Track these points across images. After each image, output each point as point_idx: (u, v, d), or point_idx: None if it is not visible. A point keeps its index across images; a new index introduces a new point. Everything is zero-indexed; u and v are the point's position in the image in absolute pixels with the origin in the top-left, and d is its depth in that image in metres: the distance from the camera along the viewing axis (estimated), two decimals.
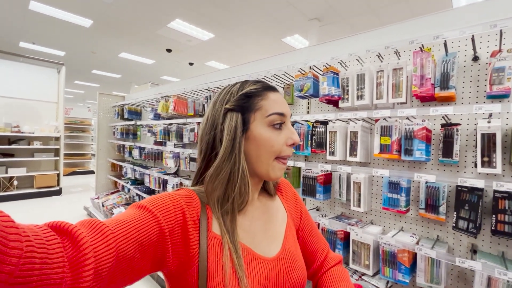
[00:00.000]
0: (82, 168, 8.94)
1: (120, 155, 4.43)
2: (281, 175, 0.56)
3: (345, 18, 5.05)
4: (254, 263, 0.52)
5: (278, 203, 0.67)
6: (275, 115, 0.53)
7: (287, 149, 0.55)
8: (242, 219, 0.56)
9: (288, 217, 0.65)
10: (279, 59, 2.11)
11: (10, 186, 5.39)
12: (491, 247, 1.19)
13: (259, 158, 0.53)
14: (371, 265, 1.42)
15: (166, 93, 2.95)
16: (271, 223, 0.61)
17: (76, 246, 0.34)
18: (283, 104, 0.56)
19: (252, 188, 0.58)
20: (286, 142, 0.55)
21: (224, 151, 0.52)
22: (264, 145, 0.53)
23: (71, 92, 13.71)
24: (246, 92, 0.55)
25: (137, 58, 7.92)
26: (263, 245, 0.56)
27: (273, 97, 0.56)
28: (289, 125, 0.56)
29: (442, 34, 1.11)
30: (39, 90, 5.83)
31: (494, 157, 1.08)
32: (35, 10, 5.01)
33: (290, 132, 0.55)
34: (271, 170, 0.54)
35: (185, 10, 4.93)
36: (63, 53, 7.54)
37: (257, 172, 0.55)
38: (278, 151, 0.54)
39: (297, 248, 0.62)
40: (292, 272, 0.56)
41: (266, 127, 0.54)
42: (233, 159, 0.52)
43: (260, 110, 0.54)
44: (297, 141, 0.55)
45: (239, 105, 0.54)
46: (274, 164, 0.54)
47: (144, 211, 0.45)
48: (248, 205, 0.58)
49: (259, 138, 0.53)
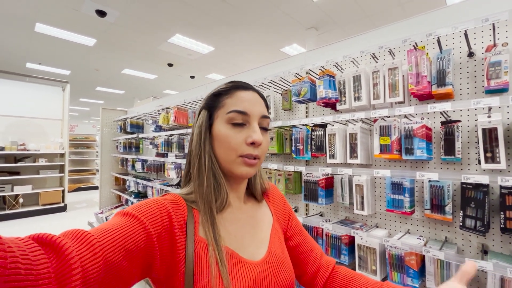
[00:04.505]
0: (87, 184, 8.98)
1: (123, 168, 4.45)
2: (246, 173, 0.54)
3: (341, 25, 5.13)
4: (240, 267, 0.51)
5: (264, 207, 0.67)
6: (234, 113, 0.53)
7: (247, 148, 0.53)
8: (228, 222, 0.56)
9: (274, 221, 0.65)
10: (276, 66, 2.13)
11: (16, 204, 5.42)
12: (502, 246, 1.14)
13: (222, 155, 0.54)
14: (378, 270, 1.36)
15: (166, 105, 2.98)
16: (258, 227, 0.60)
17: (61, 257, 0.33)
18: (248, 103, 0.55)
19: (231, 188, 0.59)
20: (246, 140, 0.53)
21: (194, 146, 0.56)
22: (222, 141, 0.54)
23: (77, 110, 13.99)
24: (215, 91, 0.58)
25: (140, 74, 8.09)
26: (250, 249, 0.56)
27: (242, 94, 0.55)
28: (253, 124, 0.54)
29: (434, 31, 1.12)
30: (45, 108, 5.96)
31: (497, 152, 1.05)
32: (41, 31, 5.20)
33: (251, 131, 0.54)
34: (234, 167, 0.54)
35: (184, 25, 5.07)
36: (69, 72, 7.74)
37: (224, 168, 0.56)
38: (236, 148, 0.53)
39: (284, 251, 0.62)
40: (280, 274, 0.56)
41: (225, 124, 0.54)
42: (200, 153, 0.54)
43: (223, 108, 0.55)
44: (256, 139, 0.53)
45: (207, 103, 0.57)
46: (238, 161, 0.53)
47: (130, 218, 0.44)
48: (234, 208, 0.58)
49: (219, 135, 0.54)
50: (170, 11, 4.55)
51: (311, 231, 1.69)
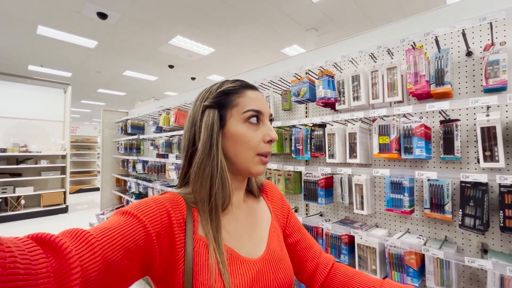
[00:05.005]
0: (88, 185, 9.01)
1: (124, 170, 4.46)
2: (262, 171, 0.56)
3: (341, 26, 5.14)
4: (239, 265, 0.51)
5: (263, 204, 0.67)
6: (251, 112, 0.54)
7: (265, 146, 0.55)
8: (227, 221, 0.56)
9: (272, 218, 0.65)
10: (275, 66, 2.14)
11: (18, 206, 5.44)
12: (502, 245, 1.13)
13: (237, 154, 0.54)
14: (378, 270, 1.36)
15: (167, 106, 3.00)
16: (257, 225, 0.61)
17: (60, 257, 0.33)
18: (260, 102, 0.56)
19: (235, 187, 0.58)
20: (263, 138, 0.55)
21: (203, 147, 0.53)
22: (240, 141, 0.53)
23: (78, 112, 14.05)
24: (223, 89, 0.56)
25: (141, 75, 8.13)
26: (248, 247, 0.56)
27: (251, 94, 0.56)
28: (266, 122, 0.57)
29: (432, 30, 1.12)
30: (46, 110, 6.00)
31: (496, 150, 1.05)
32: (43, 34, 5.24)
33: (267, 129, 0.56)
34: (251, 166, 0.54)
35: (185, 27, 5.09)
36: (70, 74, 7.79)
37: (238, 169, 0.55)
38: (255, 147, 0.54)
39: (283, 248, 0.62)
40: (279, 272, 0.56)
41: (242, 124, 0.54)
42: (212, 155, 0.52)
43: (237, 107, 0.55)
44: (274, 137, 0.55)
45: (216, 102, 0.55)
46: (255, 159, 0.55)
47: (130, 216, 0.44)
48: (234, 206, 0.58)
49: (236, 134, 0.53)
50: (171, 13, 4.58)
51: (311, 231, 1.69)
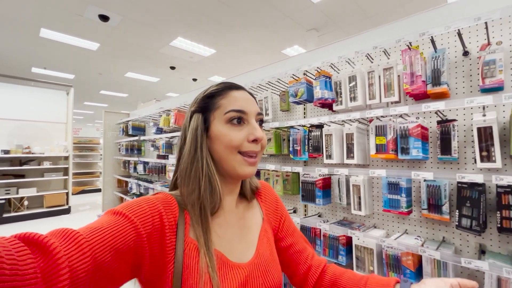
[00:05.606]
0: (91, 186, 9.06)
1: (125, 171, 4.49)
2: (251, 172, 0.55)
3: (342, 27, 5.13)
4: (228, 270, 0.51)
5: (255, 208, 0.66)
6: (233, 112, 0.53)
7: (249, 145, 0.54)
8: (218, 225, 0.55)
9: (264, 222, 0.65)
10: (273, 67, 2.15)
11: (21, 207, 5.49)
12: (500, 246, 1.13)
13: (222, 155, 0.53)
14: (376, 271, 1.36)
15: (167, 107, 3.01)
16: (247, 229, 0.60)
17: (48, 257, 0.32)
18: (244, 101, 0.55)
19: (226, 191, 0.58)
20: (248, 138, 0.54)
21: (188, 150, 0.53)
22: (223, 141, 0.53)
23: (81, 113, 14.15)
24: (207, 93, 0.56)
25: (143, 77, 8.17)
26: (238, 252, 0.56)
27: (235, 94, 0.55)
28: (252, 121, 0.55)
29: (427, 31, 1.12)
30: (49, 112, 6.05)
31: (492, 151, 1.04)
32: (46, 37, 5.29)
33: (252, 128, 0.54)
34: (237, 166, 0.53)
35: (186, 28, 5.11)
36: (73, 76, 7.85)
37: (226, 171, 0.55)
38: (237, 146, 0.53)
39: (272, 252, 0.62)
40: (267, 276, 0.56)
41: (225, 124, 0.53)
42: (196, 157, 0.53)
43: (219, 109, 0.54)
44: (259, 136, 0.53)
45: (201, 106, 0.56)
46: (238, 159, 0.53)
47: (121, 217, 0.43)
48: (225, 210, 0.57)
49: (219, 135, 0.53)
50: (172, 15, 4.60)
51: (309, 232, 1.69)
